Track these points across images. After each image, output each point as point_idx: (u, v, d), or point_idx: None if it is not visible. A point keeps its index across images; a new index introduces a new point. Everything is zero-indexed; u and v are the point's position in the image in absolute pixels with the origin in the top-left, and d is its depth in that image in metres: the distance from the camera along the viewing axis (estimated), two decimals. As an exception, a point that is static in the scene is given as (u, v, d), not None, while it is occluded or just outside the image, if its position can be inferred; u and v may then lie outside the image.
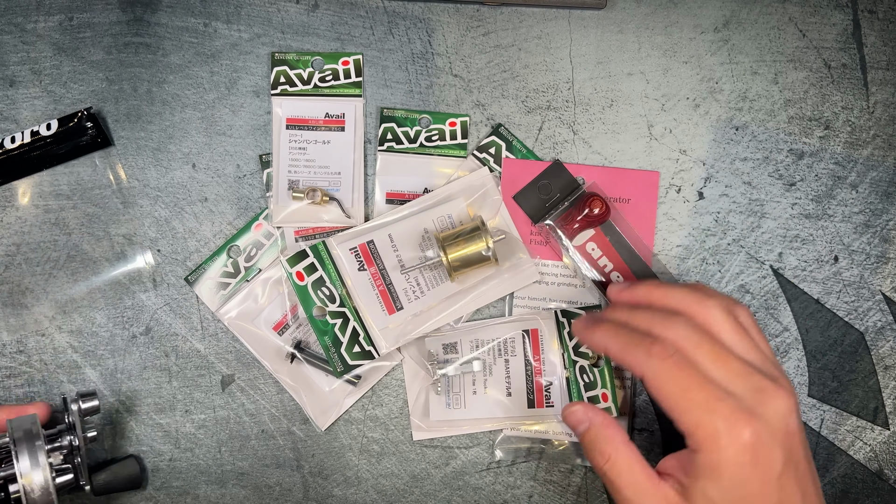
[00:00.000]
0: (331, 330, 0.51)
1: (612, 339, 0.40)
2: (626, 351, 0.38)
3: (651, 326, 0.39)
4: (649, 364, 0.37)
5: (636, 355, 0.37)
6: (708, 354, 0.37)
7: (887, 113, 0.53)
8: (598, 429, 0.40)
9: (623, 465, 0.38)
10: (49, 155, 0.53)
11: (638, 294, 0.43)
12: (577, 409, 0.42)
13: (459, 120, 0.53)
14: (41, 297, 0.53)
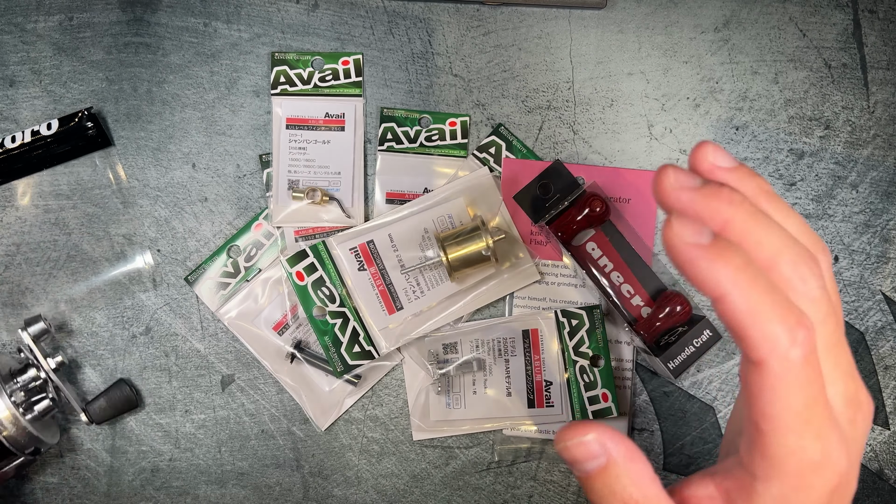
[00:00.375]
0: (331, 330, 0.51)
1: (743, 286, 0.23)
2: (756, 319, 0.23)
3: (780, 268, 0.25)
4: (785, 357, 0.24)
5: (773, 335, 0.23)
6: (829, 340, 0.26)
7: (887, 113, 0.53)
8: (621, 467, 0.27)
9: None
10: (49, 155, 0.53)
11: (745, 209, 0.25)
12: (589, 441, 0.27)
13: (459, 120, 0.53)
14: (41, 296, 0.53)
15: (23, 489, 0.53)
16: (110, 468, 0.53)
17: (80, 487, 0.53)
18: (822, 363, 0.25)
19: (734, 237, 0.25)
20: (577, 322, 0.51)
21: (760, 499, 0.26)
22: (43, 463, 0.53)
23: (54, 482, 0.53)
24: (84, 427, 0.53)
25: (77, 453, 0.53)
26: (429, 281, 0.51)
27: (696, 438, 0.52)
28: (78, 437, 0.53)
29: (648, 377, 0.52)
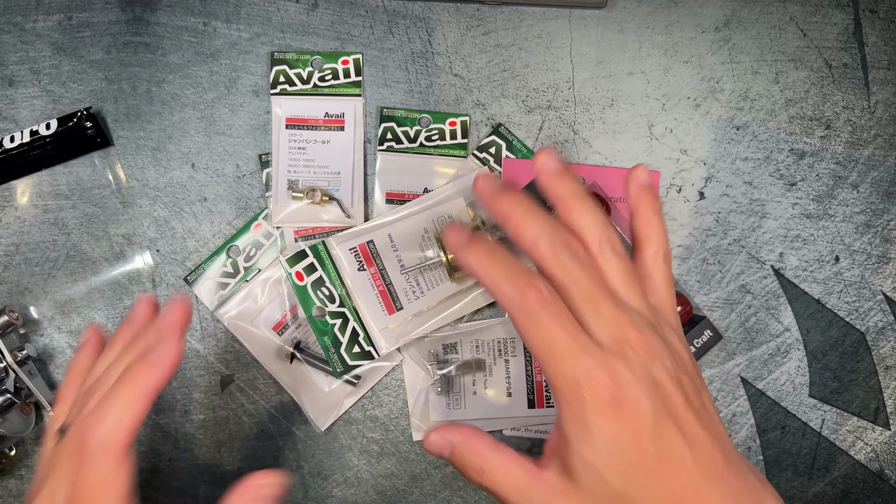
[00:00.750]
0: (330, 330, 0.51)
1: (483, 266, 0.34)
2: (494, 287, 0.34)
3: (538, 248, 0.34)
4: (519, 309, 0.33)
5: (505, 295, 0.33)
6: (581, 295, 0.33)
7: (888, 112, 0.53)
8: (461, 447, 0.36)
9: (498, 472, 0.35)
10: (48, 154, 0.53)
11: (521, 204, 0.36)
12: (433, 439, 0.37)
13: (459, 119, 0.53)
14: (40, 296, 0.53)
15: (22, 489, 0.53)
16: (110, 468, 0.53)
17: (79, 488, 0.53)
18: (582, 313, 0.33)
19: (511, 226, 0.35)
20: (578, 322, 0.51)
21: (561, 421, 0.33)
22: (42, 463, 0.53)
23: (54, 482, 0.53)
24: (83, 427, 0.53)
25: (76, 454, 0.53)
26: (429, 281, 0.51)
27: (696, 439, 0.52)
28: (77, 437, 0.53)
29: (649, 377, 0.52)
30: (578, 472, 0.33)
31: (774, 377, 0.52)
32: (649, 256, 0.38)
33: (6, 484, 0.53)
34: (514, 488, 0.35)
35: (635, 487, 0.33)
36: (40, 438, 0.53)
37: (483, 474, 0.35)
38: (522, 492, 0.34)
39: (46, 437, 0.39)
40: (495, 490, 0.35)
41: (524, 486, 0.34)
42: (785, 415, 0.52)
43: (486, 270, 0.34)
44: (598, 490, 0.33)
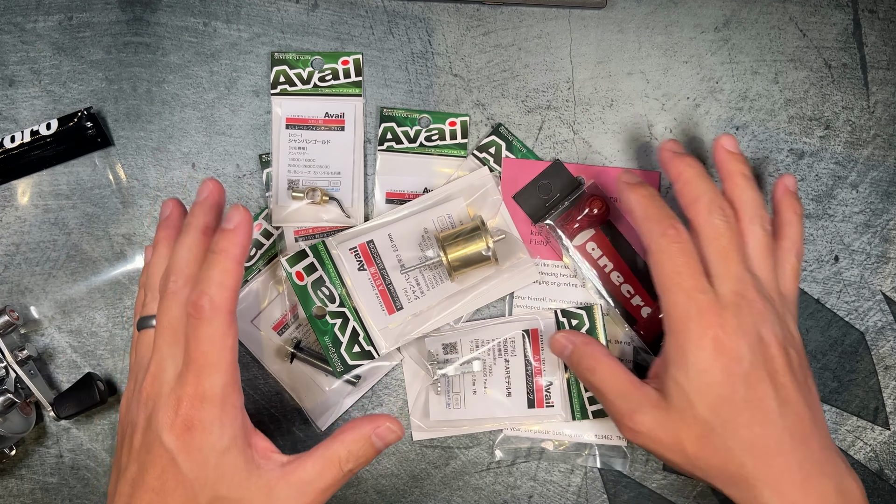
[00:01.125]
0: (330, 330, 0.51)
1: (642, 205, 0.42)
2: (644, 221, 0.41)
3: (697, 204, 0.41)
4: (657, 242, 0.40)
5: (651, 230, 0.40)
6: (718, 250, 0.39)
7: (888, 113, 0.53)
8: (580, 347, 0.44)
9: (606, 373, 0.42)
10: (49, 154, 0.53)
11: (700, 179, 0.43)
12: (559, 337, 0.45)
13: (459, 120, 0.53)
14: (40, 296, 0.53)
15: (22, 489, 0.53)
16: (110, 468, 0.53)
17: (79, 487, 0.53)
18: (713, 265, 0.39)
19: (680, 184, 0.42)
20: (577, 322, 0.51)
21: (665, 347, 0.40)
22: (42, 463, 0.53)
23: (54, 482, 0.53)
24: (84, 427, 0.53)
25: (77, 453, 0.53)
26: (429, 281, 0.51)
27: (696, 438, 0.52)
28: (77, 436, 0.53)
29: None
30: (671, 391, 0.39)
31: (774, 377, 0.52)
32: (784, 248, 0.43)
33: (6, 484, 0.53)
34: (616, 390, 0.41)
35: (719, 420, 0.37)
36: (41, 439, 0.53)
37: (594, 373, 0.42)
38: (623, 394, 0.41)
39: (133, 331, 0.43)
40: (601, 387, 0.42)
41: (625, 389, 0.41)
42: (784, 414, 0.52)
43: (642, 207, 0.41)
44: (685, 411, 0.38)
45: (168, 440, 0.36)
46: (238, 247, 0.38)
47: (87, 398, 0.50)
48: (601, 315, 0.51)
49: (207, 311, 0.37)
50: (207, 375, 0.37)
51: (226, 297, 0.37)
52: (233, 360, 0.38)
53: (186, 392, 0.37)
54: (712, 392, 0.38)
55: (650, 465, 0.52)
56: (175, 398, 0.37)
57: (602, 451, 0.51)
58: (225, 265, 0.38)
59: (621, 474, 0.52)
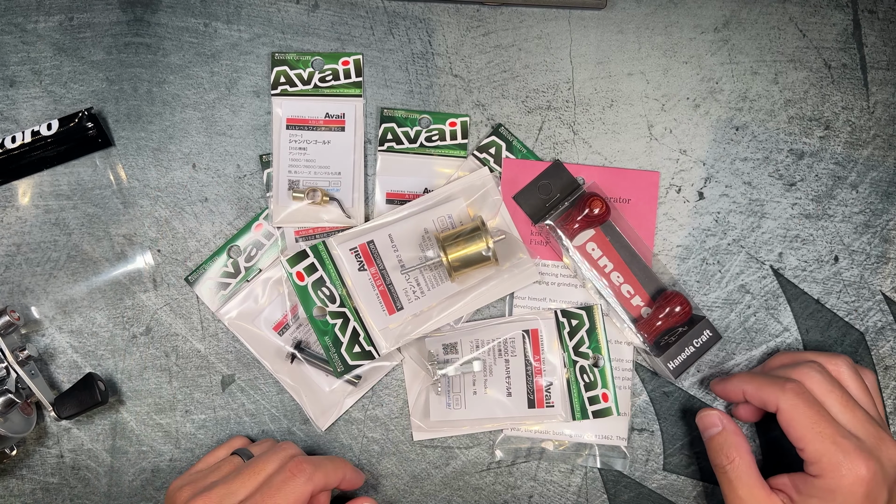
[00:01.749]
0: (331, 330, 0.51)
1: (749, 381, 0.45)
2: (762, 389, 0.44)
3: (786, 372, 0.45)
4: (784, 397, 0.43)
5: (772, 390, 0.43)
6: (837, 400, 0.43)
7: (887, 113, 0.53)
8: (729, 434, 0.46)
9: (743, 470, 0.44)
10: (49, 155, 0.53)
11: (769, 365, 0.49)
12: (713, 414, 0.47)
13: (459, 120, 0.53)
14: (41, 297, 0.53)
15: (23, 489, 0.53)
16: (110, 468, 0.53)
17: (80, 487, 0.53)
18: (841, 416, 0.42)
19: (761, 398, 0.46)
20: (577, 322, 0.51)
21: (808, 486, 0.42)
22: (43, 463, 0.53)
23: (54, 482, 0.53)
24: (85, 427, 0.53)
25: (77, 453, 0.53)
26: (429, 281, 0.51)
27: (696, 438, 0.52)
28: (78, 437, 0.53)
29: (648, 377, 0.52)
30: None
31: (774, 377, 0.52)
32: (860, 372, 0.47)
33: (7, 484, 0.53)
34: (748, 489, 0.44)
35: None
36: (41, 439, 0.53)
37: (732, 464, 0.44)
38: (754, 496, 0.43)
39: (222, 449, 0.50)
40: (733, 480, 0.44)
41: (757, 493, 0.43)
42: (784, 414, 0.52)
43: (749, 384, 0.45)
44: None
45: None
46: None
47: (88, 398, 0.50)
48: (601, 315, 0.51)
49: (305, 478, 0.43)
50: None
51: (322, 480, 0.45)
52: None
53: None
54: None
55: (650, 465, 0.52)
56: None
57: (602, 451, 0.51)
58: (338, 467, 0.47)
59: (621, 474, 0.52)
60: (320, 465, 0.45)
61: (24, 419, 0.50)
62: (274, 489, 0.42)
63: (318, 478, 0.44)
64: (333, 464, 0.46)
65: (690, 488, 0.52)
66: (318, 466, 0.44)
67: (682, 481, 0.52)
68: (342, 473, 0.46)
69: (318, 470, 0.44)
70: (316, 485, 0.44)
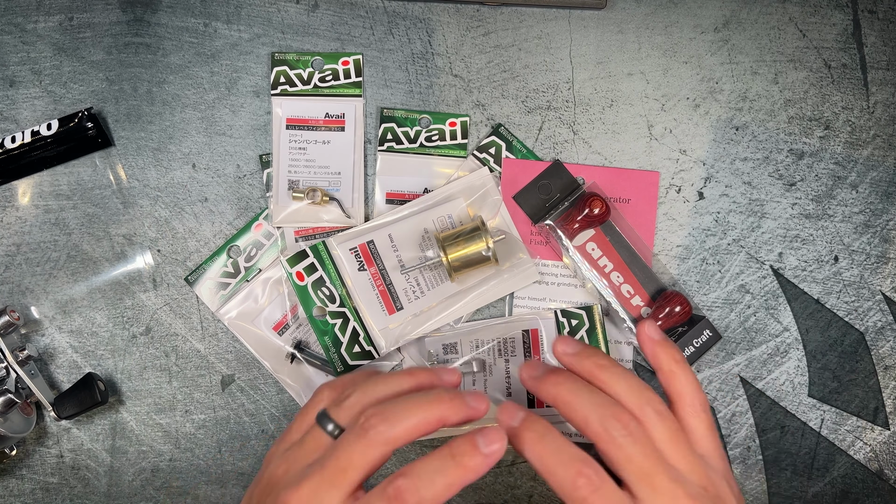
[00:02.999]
0: (331, 330, 0.51)
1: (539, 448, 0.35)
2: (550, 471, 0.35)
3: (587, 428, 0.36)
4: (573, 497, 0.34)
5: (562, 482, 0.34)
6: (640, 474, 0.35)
7: (887, 113, 0.53)
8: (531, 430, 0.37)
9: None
10: (49, 155, 0.53)
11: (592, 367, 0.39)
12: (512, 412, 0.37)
13: (459, 120, 0.53)
14: (41, 297, 0.53)
15: (23, 489, 0.53)
16: (110, 468, 0.53)
17: (80, 487, 0.53)
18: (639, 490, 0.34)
19: (562, 406, 0.37)
20: (577, 322, 0.51)
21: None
22: (43, 463, 0.53)
23: (54, 482, 0.53)
24: (85, 427, 0.53)
25: (77, 453, 0.53)
26: (429, 281, 0.51)
27: (695, 438, 0.52)
28: (78, 437, 0.53)
29: (648, 377, 0.52)
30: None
31: (774, 377, 0.52)
32: (687, 410, 0.38)
33: (7, 484, 0.53)
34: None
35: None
36: (41, 439, 0.53)
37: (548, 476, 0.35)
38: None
39: (308, 409, 0.39)
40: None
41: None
42: (784, 414, 0.52)
43: (538, 455, 0.35)
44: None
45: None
46: (476, 477, 0.34)
47: (88, 398, 0.50)
48: (601, 315, 0.51)
49: (374, 437, 0.34)
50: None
51: (399, 437, 0.35)
52: (365, 477, 0.35)
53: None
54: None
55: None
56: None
57: (602, 451, 0.51)
58: (453, 482, 0.34)
59: (621, 474, 0.52)
60: (429, 485, 0.34)
61: (24, 419, 0.50)
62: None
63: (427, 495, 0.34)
64: (450, 472, 0.35)
65: (690, 488, 0.52)
66: (426, 488, 0.34)
67: (681, 481, 0.52)
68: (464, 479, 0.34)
69: (425, 495, 0.34)
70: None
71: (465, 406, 0.37)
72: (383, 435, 0.35)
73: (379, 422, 0.35)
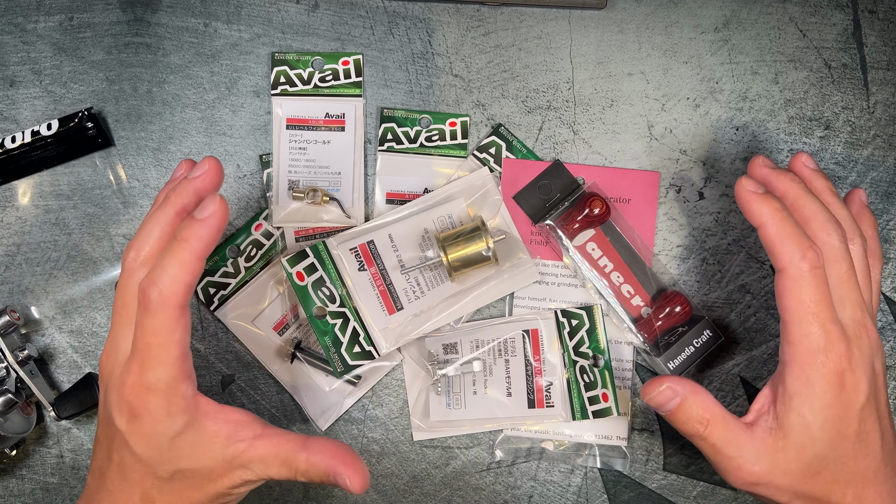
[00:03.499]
0: (331, 330, 0.51)
1: (776, 220, 0.38)
2: (782, 240, 0.38)
3: (812, 224, 0.39)
4: (797, 266, 0.37)
5: (791, 251, 0.37)
6: (841, 277, 0.38)
7: (887, 113, 0.53)
8: (692, 399, 0.40)
9: (719, 426, 0.39)
10: (49, 155, 0.53)
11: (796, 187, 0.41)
12: (664, 389, 0.40)
13: (459, 120, 0.53)
14: (41, 297, 0.53)
15: (23, 489, 0.53)
16: (110, 468, 0.53)
17: (80, 487, 0.53)
18: (834, 290, 0.38)
19: (789, 201, 0.40)
20: (577, 322, 0.51)
21: (787, 379, 0.38)
22: (43, 463, 0.53)
23: (55, 482, 0.53)
24: (85, 427, 0.53)
25: (77, 453, 0.53)
26: (429, 281, 0.51)
27: (696, 438, 0.52)
28: (78, 437, 0.53)
29: (648, 377, 0.52)
30: (792, 426, 0.38)
31: (774, 377, 0.52)
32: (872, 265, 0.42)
33: (7, 484, 0.53)
34: (732, 442, 0.39)
35: (834, 455, 0.38)
36: (41, 439, 0.53)
37: (708, 427, 0.39)
38: (740, 446, 0.38)
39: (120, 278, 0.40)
40: (715, 443, 0.39)
41: (742, 441, 0.38)
42: (784, 414, 0.52)
43: (776, 223, 0.38)
44: (804, 448, 0.38)
45: (118, 423, 0.37)
46: (203, 241, 0.36)
47: (88, 398, 0.50)
48: (601, 315, 0.51)
49: (155, 303, 0.35)
50: (151, 368, 0.36)
51: (176, 290, 0.35)
52: (180, 353, 0.36)
53: (131, 380, 0.36)
54: (833, 427, 0.37)
55: (650, 465, 0.52)
56: (121, 383, 0.37)
57: (602, 451, 0.51)
58: (183, 257, 0.36)
59: (621, 474, 0.52)
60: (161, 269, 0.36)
61: (24, 419, 0.50)
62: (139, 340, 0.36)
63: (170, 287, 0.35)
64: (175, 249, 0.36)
65: (690, 488, 0.52)
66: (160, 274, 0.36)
67: (682, 481, 0.52)
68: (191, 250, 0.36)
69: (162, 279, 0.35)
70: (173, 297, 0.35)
71: (189, 181, 0.39)
72: (136, 260, 0.37)
73: (128, 251, 0.38)
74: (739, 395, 0.52)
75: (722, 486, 0.51)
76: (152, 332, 0.36)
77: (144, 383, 0.36)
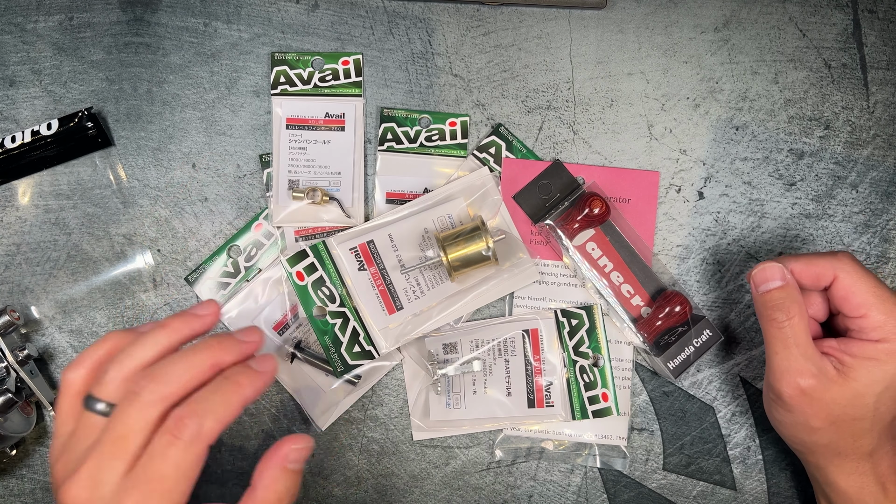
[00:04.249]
0: (331, 330, 0.51)
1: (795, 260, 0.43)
2: (813, 262, 0.42)
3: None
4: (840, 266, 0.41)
5: (825, 261, 0.42)
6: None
7: (887, 113, 0.53)
8: (792, 289, 0.42)
9: (801, 329, 0.41)
10: (49, 155, 0.53)
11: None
12: (775, 266, 0.43)
13: (459, 120, 0.53)
14: (41, 296, 0.53)
15: (23, 489, 0.53)
16: (110, 468, 0.53)
17: (80, 487, 0.53)
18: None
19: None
20: (577, 322, 0.51)
21: (865, 350, 0.41)
22: (43, 463, 0.53)
23: (54, 482, 0.53)
24: (84, 427, 0.53)
25: (77, 453, 0.53)
26: (429, 281, 0.51)
27: (695, 438, 0.52)
28: (78, 436, 0.53)
29: (648, 377, 0.52)
30: (859, 375, 0.40)
31: (774, 377, 0.52)
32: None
33: (7, 484, 0.53)
34: (802, 348, 0.41)
35: (876, 410, 0.41)
36: (41, 438, 0.53)
37: (790, 321, 0.41)
38: (807, 356, 0.41)
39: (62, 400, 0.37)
40: (788, 338, 0.41)
41: (810, 353, 0.41)
42: (784, 414, 0.52)
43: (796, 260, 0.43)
44: (859, 395, 0.40)
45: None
46: (255, 392, 0.36)
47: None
48: (601, 315, 0.51)
49: (191, 436, 0.33)
50: (157, 501, 0.33)
51: (215, 430, 0.34)
52: (189, 490, 0.34)
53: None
54: (890, 382, 0.40)
55: (650, 464, 0.52)
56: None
57: (602, 451, 0.51)
58: (231, 399, 0.35)
59: (621, 474, 0.52)
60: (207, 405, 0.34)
61: (24, 419, 0.50)
62: (154, 469, 0.33)
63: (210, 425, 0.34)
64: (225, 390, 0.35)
65: (690, 488, 0.52)
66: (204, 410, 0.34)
67: (682, 481, 0.52)
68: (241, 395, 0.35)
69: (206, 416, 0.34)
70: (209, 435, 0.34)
71: (236, 342, 0.37)
72: (156, 393, 0.34)
73: (148, 382, 0.34)
74: (739, 394, 0.52)
75: (722, 486, 0.51)
76: (174, 465, 0.33)
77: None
